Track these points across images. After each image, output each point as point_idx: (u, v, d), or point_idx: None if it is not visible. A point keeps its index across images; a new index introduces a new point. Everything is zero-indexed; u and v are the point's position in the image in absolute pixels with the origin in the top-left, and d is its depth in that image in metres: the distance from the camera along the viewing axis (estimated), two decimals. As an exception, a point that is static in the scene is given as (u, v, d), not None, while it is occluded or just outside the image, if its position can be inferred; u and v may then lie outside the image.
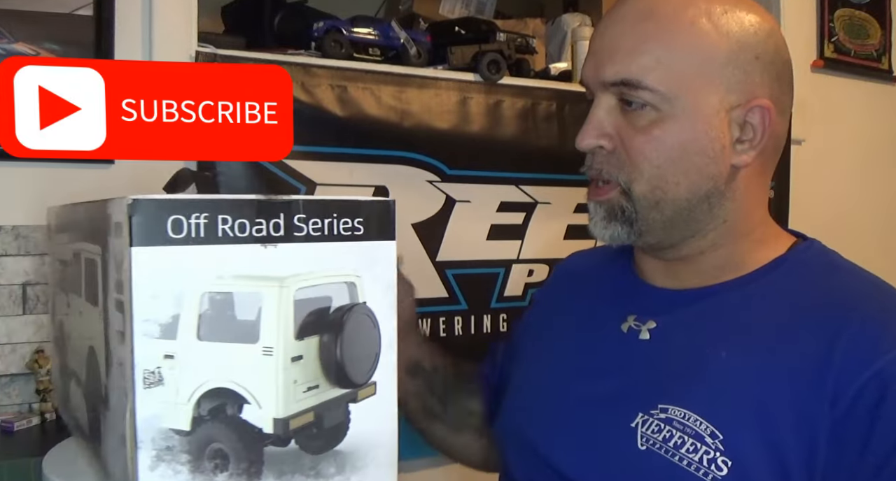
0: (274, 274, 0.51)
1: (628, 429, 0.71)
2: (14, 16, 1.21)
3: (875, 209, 2.27)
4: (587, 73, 0.75)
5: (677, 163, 0.72)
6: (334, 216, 0.53)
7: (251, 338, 0.51)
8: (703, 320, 0.74)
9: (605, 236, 0.76)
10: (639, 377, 0.74)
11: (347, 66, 1.47)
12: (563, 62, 1.78)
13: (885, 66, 2.28)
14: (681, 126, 0.72)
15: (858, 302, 0.70)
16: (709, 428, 0.68)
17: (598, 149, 0.75)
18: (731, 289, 0.75)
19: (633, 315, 0.78)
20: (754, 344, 0.70)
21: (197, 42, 1.34)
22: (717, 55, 0.71)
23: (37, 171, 1.24)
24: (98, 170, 1.27)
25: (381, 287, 0.55)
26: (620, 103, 0.73)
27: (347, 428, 0.55)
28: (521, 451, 0.81)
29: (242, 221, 0.50)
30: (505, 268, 1.67)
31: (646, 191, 0.73)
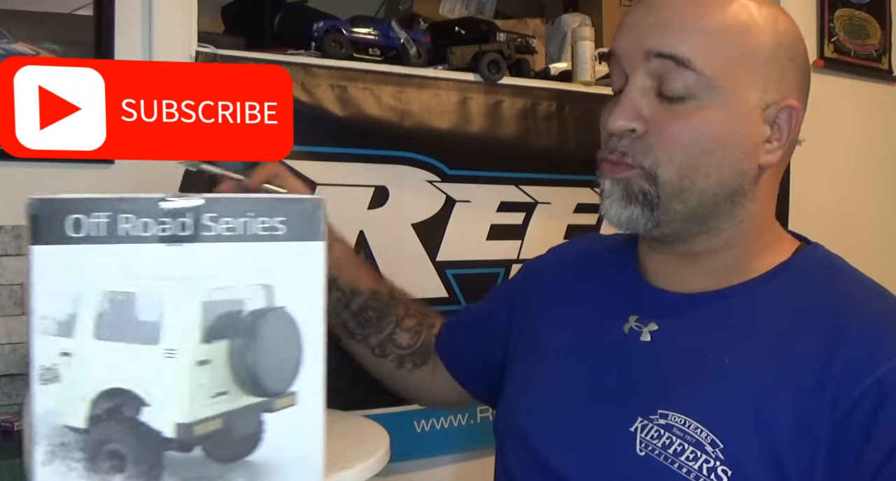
0: (179, 275, 0.50)
1: (627, 434, 0.71)
2: (14, 16, 1.21)
3: (875, 209, 2.27)
4: (622, 44, 0.73)
5: (711, 155, 0.71)
6: (250, 215, 0.51)
7: (152, 340, 0.50)
8: (705, 324, 0.73)
9: (621, 218, 0.73)
10: (639, 379, 0.74)
11: (347, 66, 1.47)
12: (563, 62, 1.78)
13: (885, 66, 2.28)
14: (721, 117, 0.70)
15: (859, 307, 0.70)
16: (709, 436, 0.67)
17: (628, 131, 0.72)
18: (736, 293, 0.74)
19: (636, 316, 0.78)
20: (756, 350, 0.69)
21: (197, 42, 1.34)
22: (761, 51, 0.71)
23: (37, 171, 1.24)
24: (98, 170, 1.27)
25: (306, 290, 0.52)
26: (658, 88, 0.71)
27: (260, 439, 0.52)
28: (518, 448, 0.80)
29: (146, 220, 0.49)
30: (505, 268, 1.67)
31: (673, 178, 0.71)
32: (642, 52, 0.71)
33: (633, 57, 0.72)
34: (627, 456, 0.70)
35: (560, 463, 0.75)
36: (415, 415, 1.55)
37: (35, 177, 1.23)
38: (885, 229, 2.26)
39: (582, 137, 1.72)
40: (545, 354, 0.84)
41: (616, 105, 0.72)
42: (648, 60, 0.71)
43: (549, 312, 0.88)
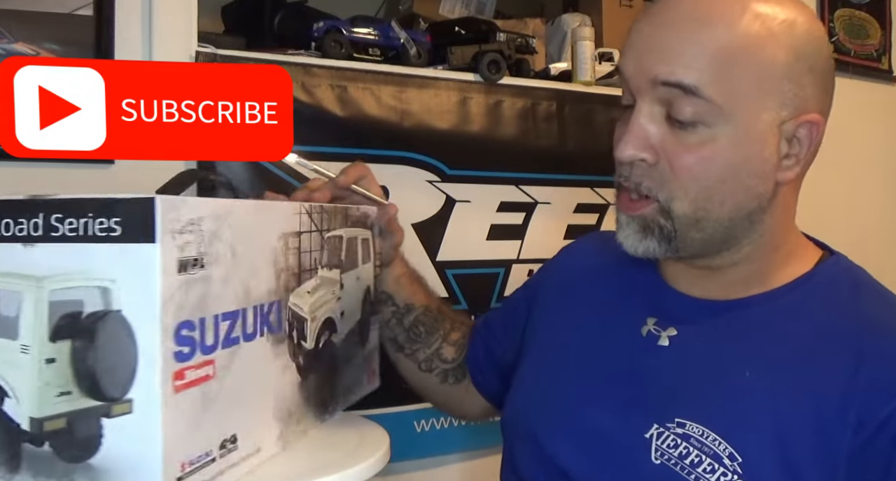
0: (31, 273, 0.51)
1: (642, 440, 0.70)
2: (14, 16, 1.20)
3: (875, 209, 2.27)
4: (629, 66, 0.70)
5: (726, 183, 0.68)
6: (90, 216, 0.50)
7: (13, 335, 0.51)
8: (726, 334, 0.72)
9: (637, 250, 0.72)
10: (655, 385, 0.72)
11: (347, 66, 1.46)
12: (563, 62, 1.78)
13: (885, 66, 2.28)
14: (734, 145, 0.67)
15: (882, 323, 0.68)
16: (728, 449, 0.66)
17: (638, 161, 0.70)
18: (758, 303, 0.73)
19: (654, 318, 0.76)
20: (777, 363, 0.68)
21: (197, 42, 1.34)
22: (774, 69, 0.67)
23: (37, 171, 1.24)
24: (98, 170, 1.27)
25: (141, 294, 0.50)
26: (666, 114, 0.68)
27: (100, 444, 0.51)
28: (526, 446, 0.79)
29: (7, 220, 0.51)
30: (505, 268, 1.67)
31: (688, 211, 0.69)
32: (648, 78, 0.68)
33: (640, 82, 0.69)
34: (642, 464, 0.69)
35: (569, 464, 0.74)
36: (415, 415, 1.55)
37: (35, 177, 1.23)
38: (886, 229, 2.26)
39: (582, 137, 1.72)
40: (557, 353, 0.83)
41: (624, 133, 0.70)
42: (655, 87, 0.68)
43: (565, 312, 0.86)
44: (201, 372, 0.55)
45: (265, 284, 0.64)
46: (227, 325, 0.58)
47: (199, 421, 0.55)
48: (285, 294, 0.67)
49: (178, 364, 0.52)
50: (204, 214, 0.54)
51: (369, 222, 0.88)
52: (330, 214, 0.77)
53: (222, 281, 0.57)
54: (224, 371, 0.58)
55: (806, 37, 0.69)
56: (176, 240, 0.51)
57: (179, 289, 0.52)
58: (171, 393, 0.51)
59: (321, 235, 0.74)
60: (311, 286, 0.73)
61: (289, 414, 0.70)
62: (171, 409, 0.52)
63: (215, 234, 0.56)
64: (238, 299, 0.60)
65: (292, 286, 0.69)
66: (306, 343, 0.72)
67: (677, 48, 0.67)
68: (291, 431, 0.71)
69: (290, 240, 0.68)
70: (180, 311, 0.52)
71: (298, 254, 0.70)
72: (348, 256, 0.81)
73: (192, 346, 0.54)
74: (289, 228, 0.68)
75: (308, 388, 0.73)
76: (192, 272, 0.53)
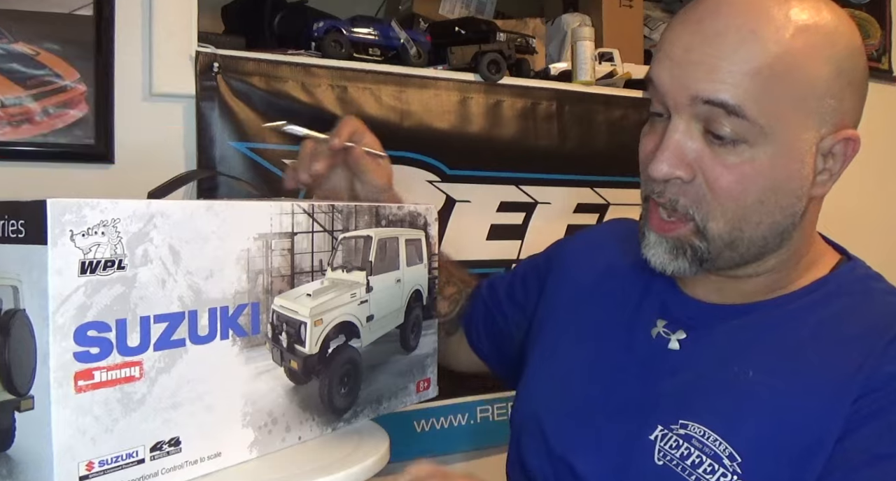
0: None
1: (647, 441, 0.70)
2: (14, 16, 1.20)
3: (875, 209, 2.27)
4: (665, 78, 0.66)
5: (764, 204, 0.67)
6: (5, 217, 0.52)
7: None
8: (735, 337, 0.72)
9: (666, 269, 0.71)
10: (663, 388, 0.72)
11: (347, 66, 1.46)
12: (563, 62, 1.78)
13: (885, 66, 2.28)
14: (774, 165, 0.65)
15: (889, 328, 0.68)
16: (728, 449, 0.66)
17: (674, 179, 0.67)
18: (770, 308, 0.72)
19: (664, 321, 0.76)
20: (782, 365, 0.68)
21: (197, 42, 1.34)
22: (818, 84, 0.65)
23: (37, 171, 1.24)
24: (98, 170, 1.27)
25: (39, 295, 0.51)
26: (704, 130, 0.66)
27: (13, 436, 0.53)
28: (534, 440, 0.79)
29: None
30: (505, 268, 1.67)
31: (724, 231, 0.68)
32: (688, 95, 0.65)
33: (678, 97, 0.66)
34: (645, 465, 0.69)
35: (577, 462, 0.74)
36: (415, 415, 1.55)
37: (35, 177, 1.23)
38: (886, 229, 2.26)
39: (582, 137, 1.72)
40: (569, 349, 0.83)
41: (658, 148, 0.67)
42: (695, 104, 0.65)
43: (576, 306, 0.85)
44: (119, 373, 0.55)
45: (231, 286, 0.62)
46: (162, 327, 0.58)
47: (117, 422, 0.55)
48: (266, 296, 0.66)
49: (83, 364, 0.53)
50: (120, 216, 0.54)
51: (420, 221, 0.84)
52: (346, 214, 0.75)
53: (157, 282, 0.57)
54: (158, 373, 0.58)
55: (847, 50, 0.67)
56: (78, 241, 0.52)
57: (80, 290, 0.52)
58: (70, 393, 0.52)
59: (331, 236, 0.72)
60: (313, 288, 0.71)
61: (271, 420, 0.68)
62: (71, 409, 0.53)
63: (141, 236, 0.56)
64: (182, 301, 0.59)
65: (279, 288, 0.67)
66: (304, 347, 0.70)
67: (721, 65, 0.64)
68: (276, 438, 0.69)
69: (273, 242, 0.66)
70: (84, 312, 0.53)
71: (290, 255, 0.68)
72: (382, 257, 0.79)
73: (103, 347, 0.54)
74: (270, 229, 0.66)
75: (307, 394, 0.71)
76: (105, 273, 0.54)
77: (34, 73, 1.22)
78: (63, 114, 1.24)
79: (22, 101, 1.21)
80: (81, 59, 1.25)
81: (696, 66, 0.65)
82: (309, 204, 0.71)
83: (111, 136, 1.27)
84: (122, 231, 0.54)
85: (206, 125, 1.32)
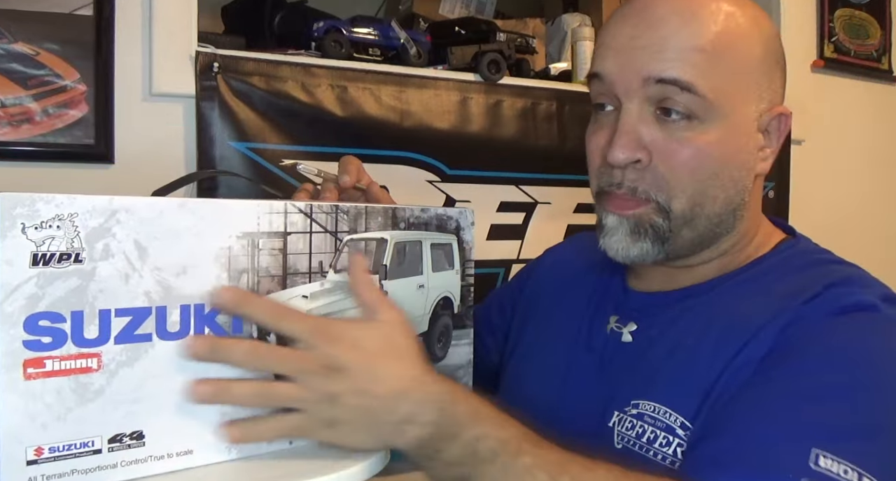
0: None
1: (606, 429, 0.72)
2: (14, 16, 1.21)
3: (876, 209, 2.27)
4: (612, 67, 0.70)
5: (717, 177, 0.69)
6: None
7: None
8: (679, 319, 0.74)
9: (630, 253, 0.72)
10: (620, 379, 0.75)
11: (347, 66, 1.47)
12: (563, 62, 1.78)
13: (885, 66, 2.28)
14: (723, 138, 0.68)
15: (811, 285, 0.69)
16: (678, 419, 0.67)
17: (633, 163, 0.70)
18: (713, 285, 0.74)
19: (616, 316, 0.79)
20: (716, 333, 0.70)
21: (197, 42, 1.34)
22: (752, 61, 0.69)
23: (37, 171, 1.24)
24: (98, 170, 1.27)
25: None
26: (656, 112, 0.69)
27: None
28: None
29: None
30: (505, 268, 1.67)
31: (685, 208, 0.70)
32: (640, 77, 0.68)
33: (628, 82, 0.69)
34: (607, 451, 0.70)
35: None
36: (415, 415, 1.54)
37: (35, 177, 1.23)
38: (886, 229, 2.26)
39: (582, 137, 1.71)
40: (536, 357, 0.86)
41: (613, 136, 0.69)
42: (646, 86, 0.68)
43: (544, 316, 0.89)
44: (74, 363, 0.57)
45: (208, 284, 0.62)
46: (125, 321, 0.58)
47: (71, 411, 0.57)
48: None
49: (33, 353, 0.55)
50: (78, 210, 0.55)
51: (451, 225, 0.82)
52: (354, 216, 0.73)
53: (119, 277, 0.58)
54: (119, 366, 0.58)
55: (770, 32, 0.72)
56: (31, 234, 0.54)
57: (31, 280, 0.54)
58: (18, 379, 0.54)
59: (334, 237, 0.72)
60: (311, 290, 0.70)
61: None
62: (19, 394, 0.54)
63: (102, 230, 0.57)
64: (149, 296, 0.59)
65: (267, 288, 0.66)
66: None
67: (668, 45, 0.68)
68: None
69: (261, 241, 0.66)
70: (35, 302, 0.54)
71: (283, 255, 0.68)
72: (400, 262, 0.77)
73: (57, 337, 0.56)
74: (258, 228, 0.66)
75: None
76: (59, 265, 0.55)
77: (34, 73, 1.22)
78: (63, 114, 1.24)
79: (22, 101, 1.21)
80: (81, 59, 1.25)
81: (644, 49, 0.68)
82: (306, 204, 0.70)
83: (111, 136, 1.27)
84: (81, 225, 0.56)
85: (206, 125, 1.32)
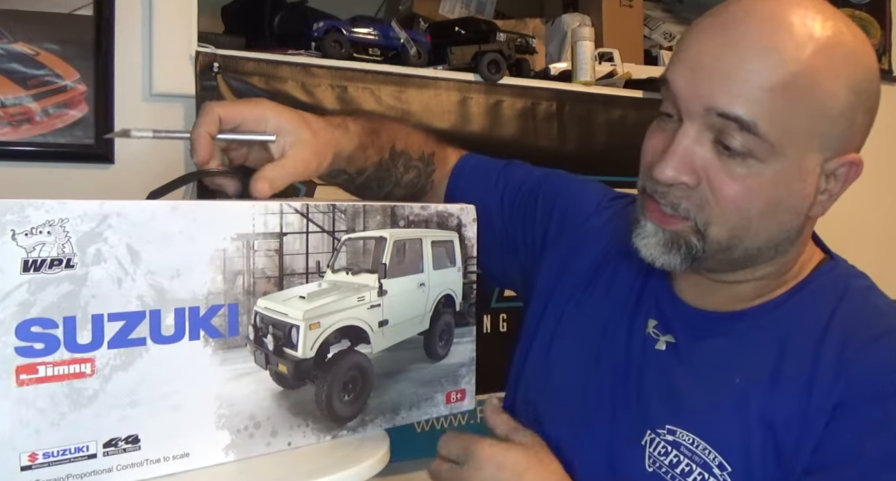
0: None
1: (638, 447, 0.71)
2: (14, 16, 1.21)
3: (876, 209, 2.26)
4: (683, 84, 0.66)
5: (764, 217, 0.67)
6: None
7: None
8: (721, 344, 0.72)
9: (655, 261, 0.70)
10: (651, 389, 0.73)
11: (347, 66, 1.46)
12: (563, 62, 1.78)
13: (885, 66, 2.28)
14: (778, 181, 0.66)
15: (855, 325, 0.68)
16: (717, 458, 0.66)
17: (677, 183, 0.67)
18: (756, 315, 0.72)
19: (655, 321, 0.77)
20: (765, 372, 0.68)
21: (197, 42, 1.34)
22: (831, 109, 0.65)
23: (37, 171, 1.24)
24: (98, 171, 1.27)
25: None
26: (714, 139, 0.65)
27: None
28: (528, 424, 0.79)
29: None
30: (505, 268, 1.67)
31: (722, 237, 0.68)
32: (703, 105, 0.64)
33: (693, 105, 0.65)
34: (636, 471, 0.70)
35: (574, 456, 0.75)
36: (415, 415, 1.54)
37: (35, 178, 1.23)
38: (886, 229, 2.26)
39: (582, 137, 1.72)
40: (570, 341, 0.83)
41: (666, 152, 0.67)
42: (708, 115, 0.65)
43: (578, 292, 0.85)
44: (67, 369, 0.57)
45: (203, 286, 0.62)
46: (118, 326, 0.58)
47: (65, 416, 0.56)
48: (246, 298, 0.66)
49: (25, 359, 0.55)
50: (69, 216, 0.55)
51: (452, 222, 0.81)
52: (352, 214, 0.72)
53: (112, 281, 0.57)
54: (113, 370, 0.58)
55: (865, 74, 0.67)
56: (21, 240, 0.53)
57: (22, 287, 0.54)
58: (10, 385, 0.54)
59: (332, 237, 0.72)
60: (308, 290, 0.70)
61: (253, 423, 0.67)
62: (12, 400, 0.54)
63: (93, 235, 0.56)
64: (142, 300, 0.59)
65: (263, 290, 0.66)
66: (296, 351, 0.69)
67: (738, 77, 0.63)
68: (259, 442, 0.67)
69: (255, 242, 0.65)
70: (27, 309, 0.54)
71: (279, 256, 0.67)
72: (400, 260, 0.76)
73: (49, 343, 0.55)
74: (253, 229, 0.65)
75: (299, 399, 0.70)
76: (51, 271, 0.55)
77: (34, 73, 1.22)
78: (63, 114, 1.24)
79: (22, 101, 1.21)
80: (81, 59, 1.25)
81: (713, 75, 0.64)
82: (303, 204, 0.69)
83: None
84: (72, 230, 0.55)
85: (206, 125, 1.32)
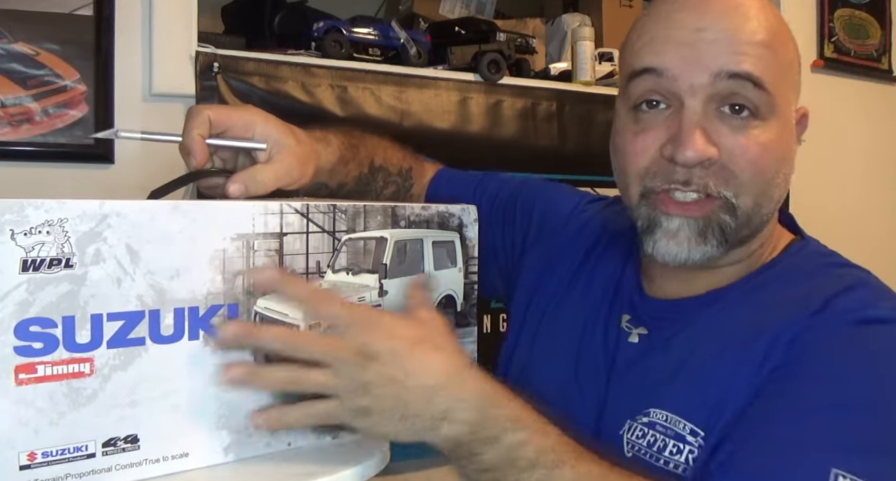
0: None
1: (617, 437, 0.72)
2: (14, 16, 1.21)
3: (875, 209, 2.27)
4: (676, 62, 0.66)
5: (778, 175, 0.68)
6: None
7: None
8: (690, 328, 0.73)
9: (691, 257, 0.69)
10: (628, 382, 0.75)
11: (347, 66, 1.47)
12: (563, 62, 1.78)
13: (885, 66, 2.28)
14: (780, 134, 0.68)
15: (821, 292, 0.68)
16: (688, 426, 0.67)
17: (705, 161, 0.66)
18: (723, 295, 0.73)
19: (628, 316, 0.78)
20: (729, 343, 0.69)
21: (197, 42, 1.34)
22: (794, 61, 0.70)
23: (37, 171, 1.24)
24: (98, 170, 1.27)
25: None
26: (719, 109, 0.66)
27: None
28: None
29: None
30: (505, 268, 1.67)
31: (749, 206, 0.68)
32: (709, 72, 0.65)
33: (695, 76, 0.66)
34: (617, 460, 0.70)
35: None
36: (415, 415, 1.54)
37: (35, 177, 1.23)
38: (887, 229, 2.26)
39: (582, 137, 1.72)
40: (550, 344, 0.84)
41: (685, 134, 0.66)
42: (716, 81, 0.65)
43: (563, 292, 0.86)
44: (66, 368, 0.57)
45: (203, 286, 0.62)
46: (117, 325, 0.58)
47: (64, 416, 0.56)
48: (246, 298, 0.65)
49: (24, 358, 0.55)
50: (68, 216, 0.55)
51: (453, 223, 0.81)
52: (352, 214, 0.72)
53: (111, 281, 0.57)
54: (112, 370, 0.58)
55: (789, 31, 0.72)
56: (20, 240, 0.53)
57: (21, 287, 0.54)
58: (9, 385, 0.54)
59: (332, 237, 0.71)
60: None
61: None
62: (11, 400, 0.54)
63: (93, 235, 0.56)
64: (142, 300, 0.59)
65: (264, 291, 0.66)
66: None
67: (739, 38, 0.65)
68: (259, 442, 0.67)
69: (255, 242, 0.65)
70: (26, 308, 0.54)
71: (278, 256, 0.67)
72: (401, 260, 0.76)
73: (48, 343, 0.55)
74: (253, 229, 0.65)
75: (300, 400, 0.68)
76: (50, 271, 0.55)
77: (34, 73, 1.22)
78: (63, 114, 1.24)
79: (22, 101, 1.21)
80: (81, 59, 1.25)
81: (714, 43, 0.66)
82: (303, 203, 0.69)
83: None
84: (71, 230, 0.55)
85: (206, 125, 1.32)
